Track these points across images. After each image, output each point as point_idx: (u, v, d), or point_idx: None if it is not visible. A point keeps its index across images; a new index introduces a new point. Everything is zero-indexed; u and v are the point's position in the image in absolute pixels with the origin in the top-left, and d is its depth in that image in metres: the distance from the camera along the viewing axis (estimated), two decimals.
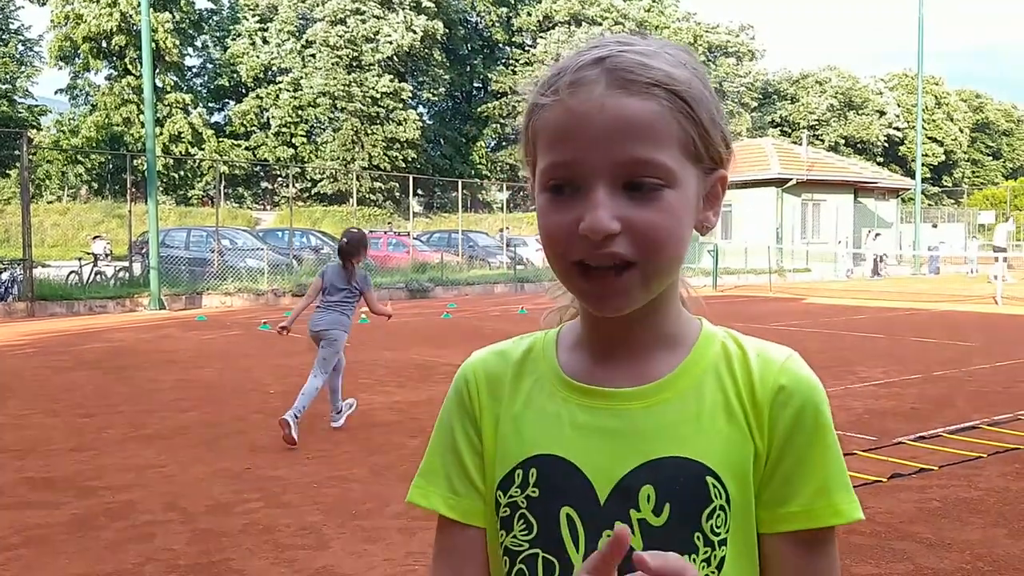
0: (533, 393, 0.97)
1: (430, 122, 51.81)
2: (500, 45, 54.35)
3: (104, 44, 42.64)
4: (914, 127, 39.86)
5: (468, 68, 53.55)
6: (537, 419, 0.95)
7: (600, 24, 49.69)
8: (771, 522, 0.90)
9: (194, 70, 50.23)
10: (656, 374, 0.93)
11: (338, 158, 45.11)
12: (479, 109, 51.97)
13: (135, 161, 31.52)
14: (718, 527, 0.88)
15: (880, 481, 4.87)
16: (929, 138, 58.88)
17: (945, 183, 62.45)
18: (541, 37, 50.85)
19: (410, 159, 46.09)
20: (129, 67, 42.49)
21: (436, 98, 51.07)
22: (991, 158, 68.76)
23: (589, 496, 0.90)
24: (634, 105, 0.83)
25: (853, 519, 0.89)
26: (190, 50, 47.98)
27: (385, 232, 30.86)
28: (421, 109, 50.82)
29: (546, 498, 0.92)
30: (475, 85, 55.43)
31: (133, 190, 24.17)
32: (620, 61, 0.85)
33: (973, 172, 66.78)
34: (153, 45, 23.92)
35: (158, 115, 39.71)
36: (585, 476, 0.90)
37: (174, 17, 43.21)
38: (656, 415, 0.91)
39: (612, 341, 0.94)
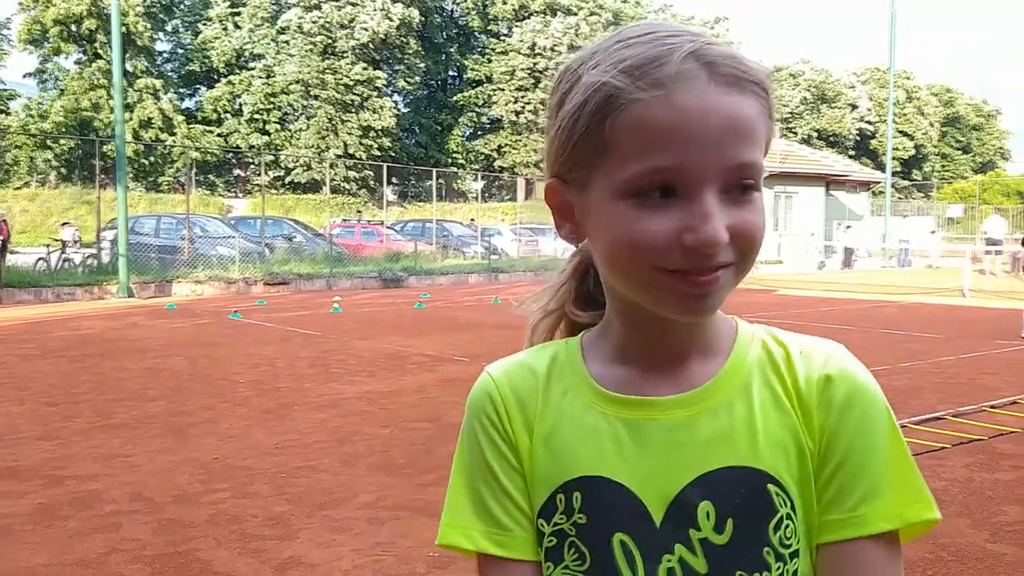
0: (564, 407, 0.88)
1: (405, 110, 51.59)
2: (476, 33, 54.18)
3: (74, 28, 41.99)
4: (885, 121, 40.24)
5: (444, 56, 53.32)
6: (574, 436, 0.87)
7: (575, 14, 49.64)
8: (817, 531, 0.82)
9: (165, 55, 49.64)
10: (698, 380, 0.85)
11: (312, 146, 44.80)
12: (455, 98, 51.82)
13: (104, 147, 31.11)
14: (787, 538, 0.81)
15: None
16: (900, 132, 59.49)
17: (915, 177, 63.16)
18: (516, 26, 50.73)
19: (385, 147, 45.88)
20: (99, 51, 41.87)
21: (411, 86, 50.80)
22: (961, 152, 69.62)
23: (643, 519, 0.83)
24: (741, 104, 0.77)
25: (919, 520, 0.80)
26: (161, 35, 47.40)
27: (357, 221, 30.69)
28: (396, 97, 50.57)
29: (595, 524, 0.84)
30: (451, 73, 55.22)
31: (102, 176, 23.84)
32: (716, 54, 0.77)
33: (943, 166, 67.61)
34: (123, 29, 23.65)
35: (128, 100, 39.26)
36: (636, 497, 0.83)
37: (145, 1, 42.64)
38: (704, 423, 0.84)
39: (651, 347, 0.87)
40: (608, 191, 0.79)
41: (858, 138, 61.84)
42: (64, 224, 22.21)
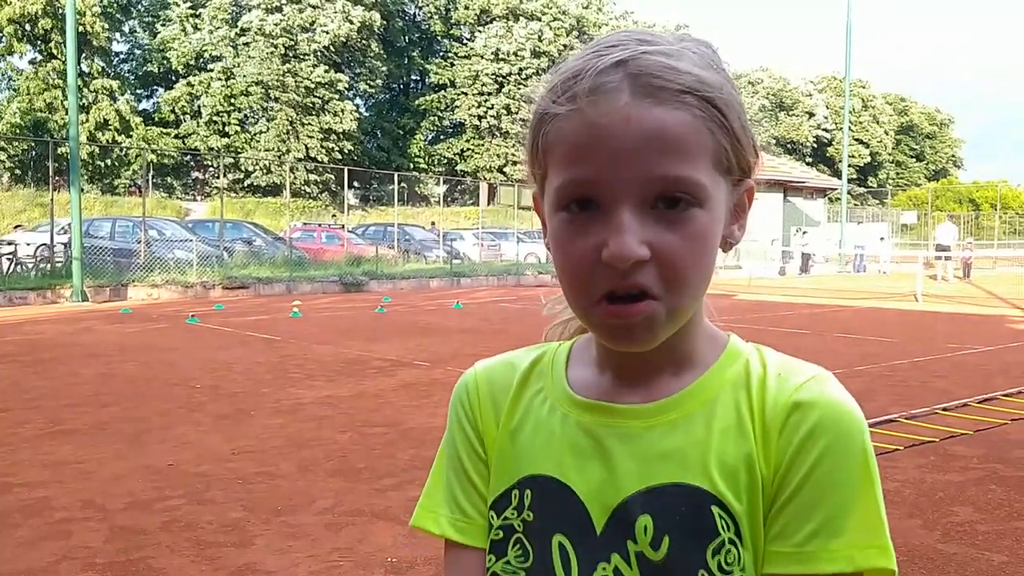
0: (534, 405, 0.90)
1: (367, 114, 51.34)
2: (438, 38, 54.11)
3: (28, 27, 41.18)
4: (841, 128, 40.88)
5: (406, 60, 53.16)
6: (534, 435, 0.88)
7: (539, 19, 49.78)
8: (763, 561, 0.79)
9: (122, 56, 48.90)
10: (666, 392, 0.84)
11: (272, 149, 44.39)
12: (417, 102, 51.69)
13: (59, 149, 30.55)
14: (728, 564, 0.78)
15: None
16: (856, 139, 60.53)
17: (871, 183, 64.24)
18: (479, 31, 50.77)
19: (346, 151, 45.61)
20: (54, 51, 41.08)
21: (373, 90, 50.61)
22: (914, 160, 70.90)
23: (584, 524, 0.83)
24: (664, 116, 0.74)
25: (870, 567, 0.76)
26: (118, 35, 46.67)
27: (320, 225, 30.50)
28: (358, 101, 50.35)
29: (540, 523, 0.85)
30: (413, 77, 55.10)
31: (56, 178, 23.41)
32: (644, 64, 0.74)
33: (897, 173, 68.81)
34: (79, 29, 23.23)
35: (84, 101, 38.58)
36: (581, 501, 0.84)
37: (101, 1, 41.97)
38: (660, 436, 0.82)
39: (626, 359, 0.85)
40: (549, 205, 0.81)
41: (815, 145, 62.81)
42: (17, 227, 21.80)
